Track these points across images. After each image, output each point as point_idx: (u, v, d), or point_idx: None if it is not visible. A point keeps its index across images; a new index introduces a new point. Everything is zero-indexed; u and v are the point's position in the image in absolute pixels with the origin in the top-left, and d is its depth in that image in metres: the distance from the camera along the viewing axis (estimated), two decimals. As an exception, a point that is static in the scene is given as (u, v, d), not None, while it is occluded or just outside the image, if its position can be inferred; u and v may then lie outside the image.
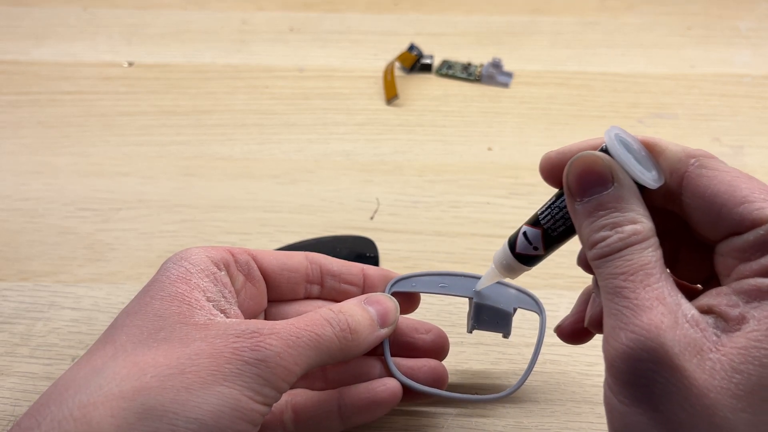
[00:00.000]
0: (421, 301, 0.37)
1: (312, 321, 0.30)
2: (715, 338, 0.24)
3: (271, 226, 0.47)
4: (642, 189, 0.27)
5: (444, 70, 0.60)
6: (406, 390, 0.34)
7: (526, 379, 0.35)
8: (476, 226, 0.47)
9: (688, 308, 0.25)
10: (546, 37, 0.64)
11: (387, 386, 0.34)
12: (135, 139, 0.53)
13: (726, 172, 0.27)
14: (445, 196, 0.49)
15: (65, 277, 0.44)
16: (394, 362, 0.34)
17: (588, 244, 0.27)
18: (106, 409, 0.25)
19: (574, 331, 0.33)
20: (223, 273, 0.32)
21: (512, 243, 0.32)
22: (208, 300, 0.30)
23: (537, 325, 0.37)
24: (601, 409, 0.37)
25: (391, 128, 0.54)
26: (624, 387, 0.25)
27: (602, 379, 0.38)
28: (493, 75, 0.59)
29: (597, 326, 0.31)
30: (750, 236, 0.25)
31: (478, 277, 0.35)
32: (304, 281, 0.35)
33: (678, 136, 0.54)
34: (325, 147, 0.53)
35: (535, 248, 0.31)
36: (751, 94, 0.58)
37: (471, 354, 0.40)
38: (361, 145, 0.53)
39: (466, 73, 0.59)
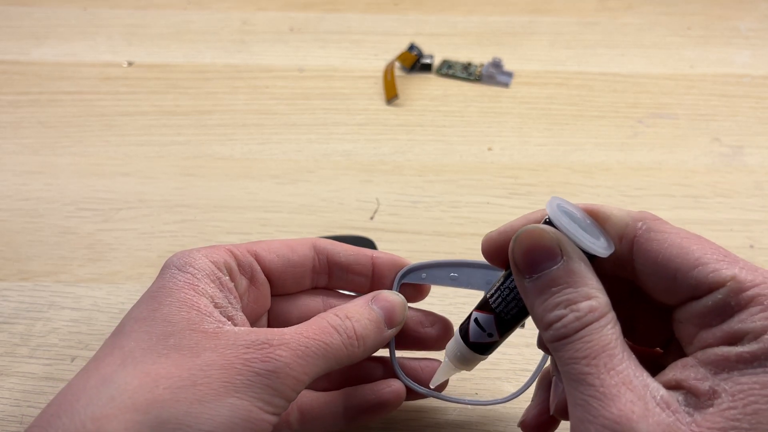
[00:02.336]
0: (432, 289, 0.37)
1: (320, 329, 0.30)
2: (688, 419, 0.23)
3: (271, 226, 0.47)
4: (592, 259, 0.26)
5: (444, 70, 0.60)
6: (412, 391, 0.34)
7: (530, 385, 0.34)
8: (476, 226, 0.47)
9: (656, 389, 0.24)
10: (546, 37, 0.64)
11: (392, 388, 0.34)
12: (135, 139, 0.53)
13: (675, 233, 0.26)
14: (445, 196, 0.49)
15: (65, 277, 0.44)
16: (398, 362, 0.34)
17: (543, 325, 0.26)
18: (120, 422, 0.25)
19: (541, 424, 0.31)
20: (227, 278, 0.32)
21: (464, 332, 0.30)
22: (216, 306, 0.30)
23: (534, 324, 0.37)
24: (601, 409, 0.37)
25: (391, 128, 0.55)
26: None
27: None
28: (493, 75, 0.59)
29: (564, 414, 0.29)
30: (708, 301, 0.24)
31: (491, 267, 0.33)
32: (311, 273, 0.35)
33: (677, 136, 0.54)
34: (326, 147, 0.53)
35: (490, 335, 0.29)
36: (751, 94, 0.58)
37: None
38: (361, 145, 0.53)
39: (466, 73, 0.59)
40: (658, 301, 0.27)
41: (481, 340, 0.30)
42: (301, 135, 0.54)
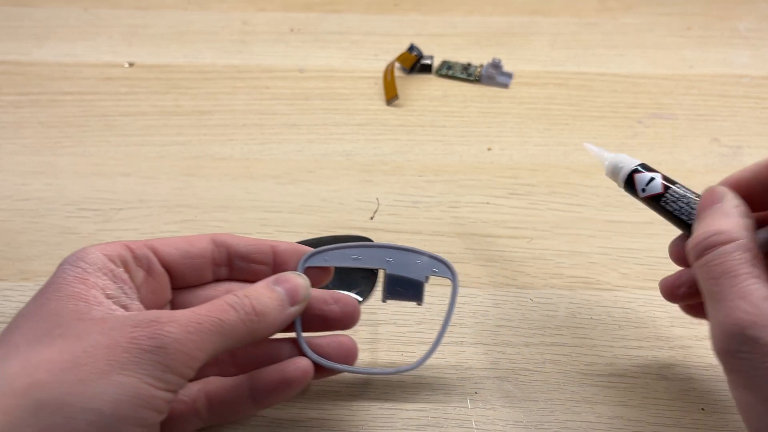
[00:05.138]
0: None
1: (214, 307, 0.30)
2: None
3: (271, 226, 0.47)
4: None
5: (444, 71, 0.60)
6: (319, 366, 0.34)
7: (436, 348, 0.35)
8: (476, 226, 0.47)
9: None
10: (545, 37, 0.64)
11: (298, 365, 0.33)
12: (136, 139, 0.53)
13: None
14: (445, 196, 0.49)
15: (66, 276, 0.44)
16: (305, 340, 0.34)
17: (689, 247, 0.31)
18: None
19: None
20: (121, 270, 0.31)
21: (632, 171, 0.35)
22: (108, 297, 0.30)
23: (535, 324, 0.37)
24: (601, 409, 0.37)
25: (391, 128, 0.55)
26: (728, 373, 0.29)
27: (601, 379, 0.38)
28: (492, 75, 0.59)
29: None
30: None
31: (391, 247, 0.36)
32: (211, 265, 0.35)
33: (677, 137, 0.54)
34: (326, 147, 0.53)
35: (643, 190, 0.35)
36: (750, 94, 0.58)
37: (470, 354, 0.40)
38: (361, 146, 0.53)
39: (466, 73, 0.59)
40: None
41: (638, 184, 0.35)
42: (301, 135, 0.54)
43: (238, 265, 0.35)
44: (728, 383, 0.29)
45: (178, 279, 0.34)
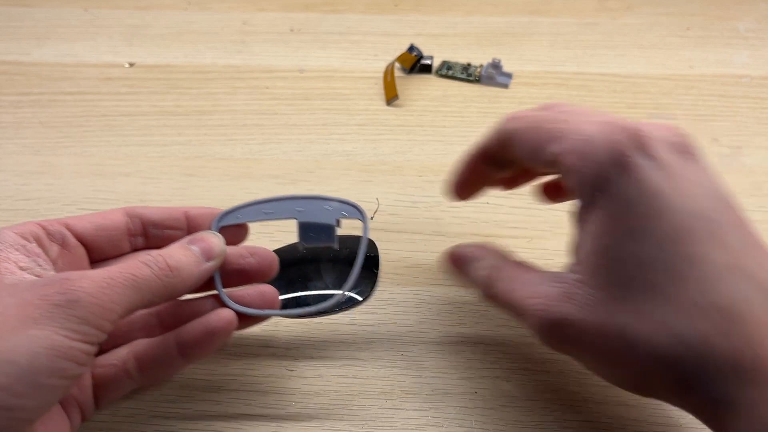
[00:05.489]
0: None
1: (127, 264, 0.31)
2: (573, 277, 0.31)
3: (272, 225, 0.47)
4: None
5: (444, 71, 0.60)
6: (243, 317, 0.35)
7: (352, 283, 0.36)
8: (476, 226, 0.47)
9: (545, 274, 0.34)
10: (545, 38, 0.64)
11: (220, 316, 0.34)
12: (136, 139, 0.53)
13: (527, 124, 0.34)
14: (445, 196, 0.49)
15: (67, 276, 0.44)
16: (225, 293, 0.36)
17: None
18: None
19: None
20: (34, 245, 0.32)
21: None
22: (21, 269, 0.30)
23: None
24: (601, 409, 0.37)
25: (391, 129, 0.55)
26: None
27: (599, 378, 0.38)
28: (492, 76, 0.59)
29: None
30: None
31: (301, 198, 0.37)
32: (126, 236, 0.36)
33: (677, 137, 0.54)
34: (326, 147, 0.53)
35: None
36: (750, 94, 0.58)
37: (470, 354, 0.40)
38: (361, 146, 0.53)
39: (466, 73, 0.60)
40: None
41: None
42: (301, 135, 0.54)
43: (153, 233, 0.36)
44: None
45: (95, 251, 0.35)
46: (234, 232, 0.37)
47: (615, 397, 0.37)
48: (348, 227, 0.46)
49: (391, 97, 0.57)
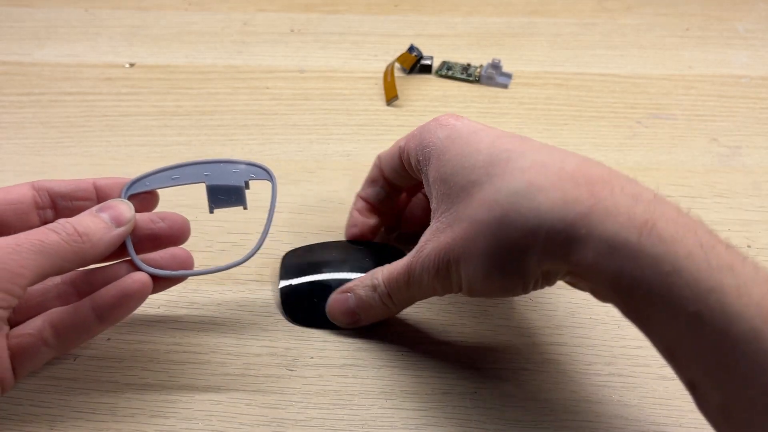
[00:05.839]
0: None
1: (34, 231, 0.31)
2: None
3: (272, 225, 0.47)
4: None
5: (444, 71, 0.60)
6: (158, 280, 0.36)
7: (263, 241, 0.38)
8: (476, 226, 0.47)
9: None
10: (545, 38, 0.64)
11: (135, 279, 0.35)
12: (137, 139, 0.53)
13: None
14: (445, 197, 0.49)
15: (68, 276, 0.44)
16: (139, 258, 0.36)
17: (388, 307, 0.39)
18: None
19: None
20: None
21: None
22: None
23: (534, 324, 0.37)
24: (600, 409, 0.37)
25: (391, 129, 0.55)
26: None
27: (600, 378, 0.39)
28: (492, 76, 0.59)
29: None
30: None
31: (207, 162, 0.38)
32: (34, 209, 0.36)
33: (676, 137, 0.54)
34: (326, 147, 0.53)
35: None
36: (749, 95, 0.58)
37: (470, 353, 0.40)
38: (361, 146, 0.53)
39: (466, 74, 0.60)
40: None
41: None
42: (301, 135, 0.54)
43: (63, 205, 0.37)
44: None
45: (2, 227, 0.35)
46: (144, 199, 0.38)
47: (615, 397, 0.38)
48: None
49: (391, 97, 0.57)
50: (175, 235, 0.37)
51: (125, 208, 0.35)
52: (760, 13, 0.68)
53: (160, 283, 0.37)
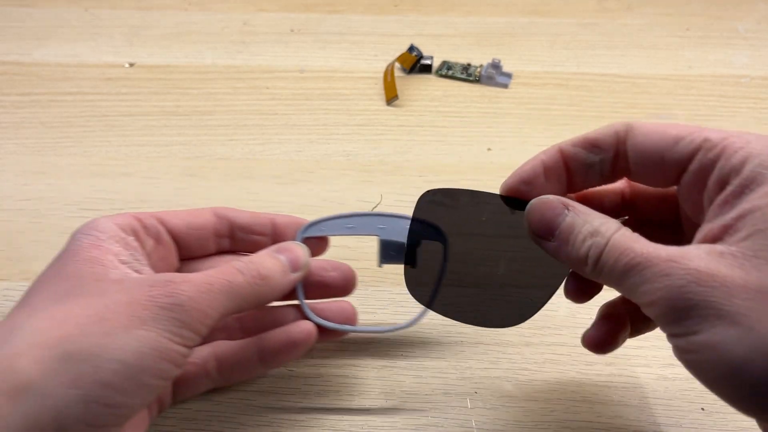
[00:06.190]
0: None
1: (224, 270, 0.31)
2: (720, 248, 0.26)
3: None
4: None
5: (444, 71, 0.60)
6: (321, 330, 0.36)
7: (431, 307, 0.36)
8: (476, 226, 0.47)
9: (686, 247, 0.26)
10: (545, 38, 0.64)
11: (302, 328, 0.35)
12: (137, 139, 0.53)
13: (652, 125, 0.30)
14: (445, 197, 0.49)
15: (67, 276, 0.44)
16: (308, 306, 0.36)
17: (581, 263, 0.28)
18: (30, 357, 0.26)
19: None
20: (131, 238, 0.33)
21: None
22: (122, 263, 0.31)
23: (535, 324, 0.37)
24: (600, 409, 0.37)
25: (391, 129, 0.55)
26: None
27: (600, 378, 0.39)
28: (492, 76, 0.59)
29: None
30: (695, 166, 0.28)
31: (384, 215, 0.37)
32: (214, 236, 0.36)
33: (676, 137, 0.54)
34: (326, 147, 0.53)
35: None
36: (750, 95, 0.58)
37: (470, 354, 0.40)
38: (361, 146, 0.53)
39: (466, 73, 0.60)
40: (664, 186, 0.31)
41: None
42: (301, 135, 0.54)
43: (239, 237, 0.37)
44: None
45: (183, 249, 0.36)
46: (315, 243, 0.37)
47: (615, 398, 0.38)
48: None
49: (391, 97, 0.57)
50: (344, 286, 0.37)
51: (301, 254, 0.35)
52: (760, 13, 0.68)
53: (324, 334, 0.36)
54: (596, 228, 0.28)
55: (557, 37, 0.64)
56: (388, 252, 0.37)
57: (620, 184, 0.34)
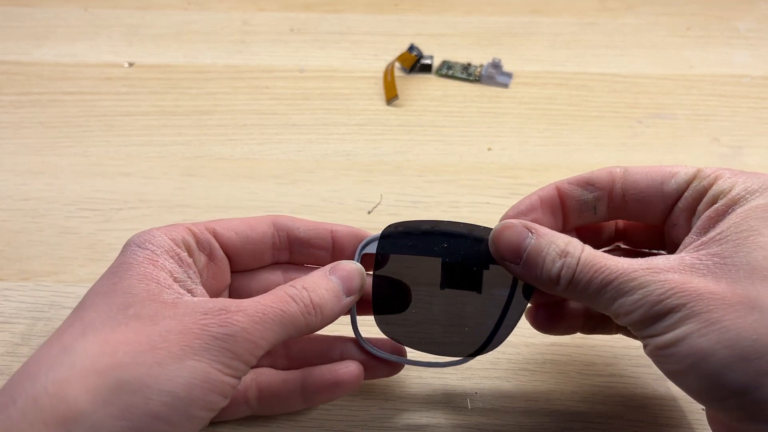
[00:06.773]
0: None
1: (277, 298, 0.30)
2: (688, 257, 0.29)
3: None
4: None
5: (444, 71, 0.60)
6: (366, 369, 0.35)
7: (496, 341, 0.34)
8: (476, 226, 0.47)
9: (655, 257, 0.29)
10: (545, 37, 0.64)
11: (349, 368, 0.34)
12: (136, 139, 0.53)
13: (645, 166, 0.33)
14: (445, 196, 0.49)
15: (66, 276, 0.44)
16: (361, 335, 0.35)
17: (552, 284, 0.30)
18: (80, 385, 0.26)
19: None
20: (185, 254, 0.32)
21: None
22: (175, 280, 0.31)
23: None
24: (600, 409, 0.37)
25: (391, 128, 0.55)
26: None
27: (600, 378, 0.38)
28: (492, 75, 0.59)
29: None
30: (690, 194, 0.31)
31: (452, 234, 0.34)
32: (271, 249, 0.36)
33: (677, 137, 0.54)
34: (326, 147, 0.53)
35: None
36: (750, 94, 0.58)
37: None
38: (361, 146, 0.53)
39: (466, 73, 0.60)
40: (656, 222, 0.33)
41: None
42: (301, 135, 0.54)
43: (298, 250, 0.36)
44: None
45: (237, 263, 0.35)
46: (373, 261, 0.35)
47: (615, 397, 0.37)
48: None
49: (391, 97, 0.57)
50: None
51: (358, 276, 0.33)
52: (761, 12, 0.68)
53: (370, 372, 0.35)
54: (563, 249, 0.30)
55: (557, 36, 0.64)
56: (452, 276, 0.34)
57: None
